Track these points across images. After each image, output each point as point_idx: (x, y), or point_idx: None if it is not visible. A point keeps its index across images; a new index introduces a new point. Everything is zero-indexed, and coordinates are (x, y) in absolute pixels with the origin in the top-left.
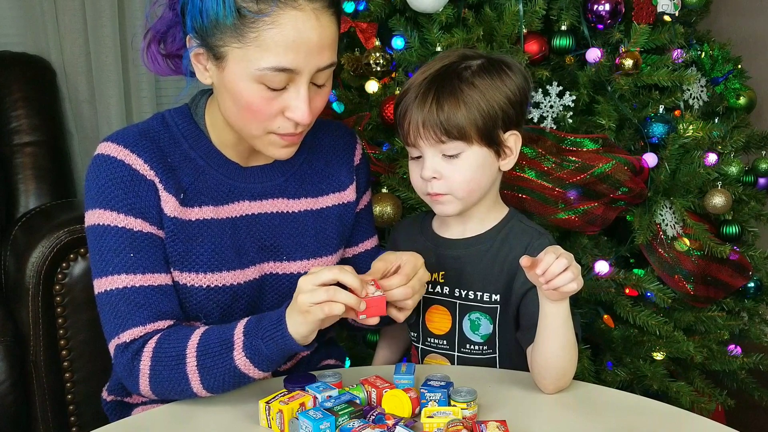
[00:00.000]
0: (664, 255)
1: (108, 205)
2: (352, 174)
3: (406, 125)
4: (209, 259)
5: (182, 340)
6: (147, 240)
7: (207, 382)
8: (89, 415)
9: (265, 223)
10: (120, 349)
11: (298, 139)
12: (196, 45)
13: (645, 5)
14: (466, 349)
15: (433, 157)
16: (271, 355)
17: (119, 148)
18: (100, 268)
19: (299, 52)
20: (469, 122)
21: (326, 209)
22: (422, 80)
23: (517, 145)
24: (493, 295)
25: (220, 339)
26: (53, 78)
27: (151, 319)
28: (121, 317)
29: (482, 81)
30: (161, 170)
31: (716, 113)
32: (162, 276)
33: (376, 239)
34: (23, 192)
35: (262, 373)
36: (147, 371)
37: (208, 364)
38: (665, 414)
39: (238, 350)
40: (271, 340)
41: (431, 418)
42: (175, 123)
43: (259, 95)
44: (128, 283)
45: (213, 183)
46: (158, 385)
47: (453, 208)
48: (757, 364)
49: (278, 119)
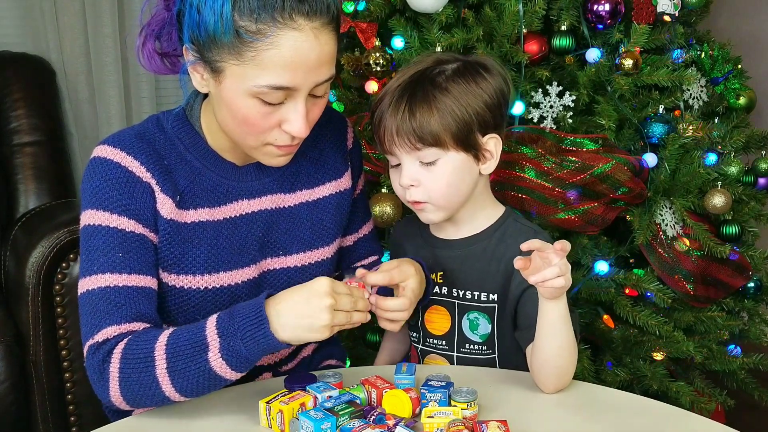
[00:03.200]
0: (664, 255)
1: (101, 206)
2: (346, 160)
3: (381, 132)
4: (205, 260)
5: (150, 341)
6: (138, 241)
7: (179, 385)
8: (89, 415)
9: (263, 219)
10: (92, 350)
11: (294, 149)
12: (194, 58)
13: (645, 5)
14: (465, 349)
15: (411, 164)
16: (251, 356)
17: (115, 150)
18: (86, 268)
19: (297, 71)
20: (443, 128)
21: (323, 199)
22: (396, 86)
23: (497, 148)
24: (490, 294)
25: (191, 340)
26: (53, 78)
27: (127, 320)
28: (98, 317)
29: (456, 86)
30: (158, 172)
31: (716, 113)
32: (147, 279)
33: (372, 222)
34: (23, 192)
35: (238, 374)
36: (117, 374)
37: (180, 367)
38: (665, 414)
39: (213, 352)
40: (252, 341)
41: (432, 419)
42: (171, 125)
43: (255, 110)
44: (111, 282)
45: (209, 185)
46: (128, 389)
47: (435, 215)
48: (757, 364)
49: (275, 132)
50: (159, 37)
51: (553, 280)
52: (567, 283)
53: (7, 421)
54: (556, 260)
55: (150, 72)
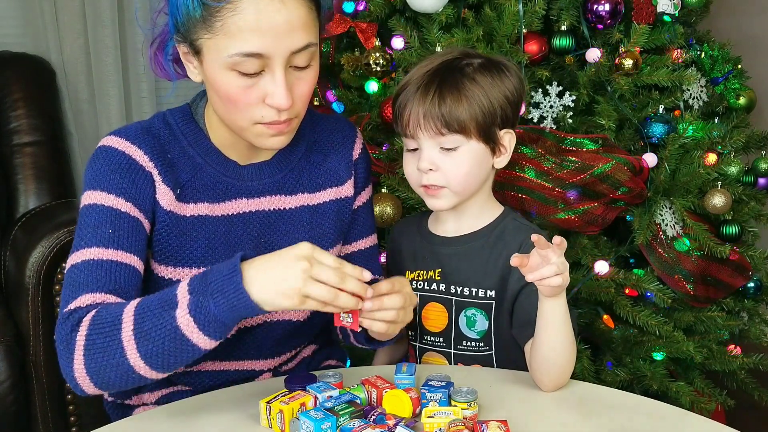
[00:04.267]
0: (663, 255)
1: (100, 187)
2: (350, 168)
3: (406, 116)
4: (202, 255)
5: (121, 306)
6: (131, 222)
7: (144, 348)
8: (89, 415)
9: (261, 220)
10: (63, 318)
11: (286, 128)
12: (186, 50)
13: (645, 5)
14: (462, 346)
15: (431, 149)
16: (220, 314)
17: (120, 140)
18: (75, 245)
19: (265, 36)
20: (470, 116)
21: (323, 204)
22: (423, 73)
23: (511, 144)
24: (488, 291)
25: (162, 299)
26: (53, 78)
27: (104, 290)
28: (76, 287)
29: (483, 78)
30: (161, 163)
31: (716, 113)
32: (133, 258)
33: (373, 239)
34: (23, 192)
35: (208, 339)
36: (82, 342)
37: (146, 327)
38: (665, 414)
39: (182, 308)
40: (221, 296)
41: (432, 419)
42: (176, 121)
43: (235, 84)
44: (96, 256)
45: (210, 180)
46: (91, 358)
47: (447, 201)
48: (757, 364)
49: (260, 108)
50: (166, 45)
51: (550, 278)
52: (565, 281)
53: (7, 421)
54: (554, 258)
55: (167, 79)
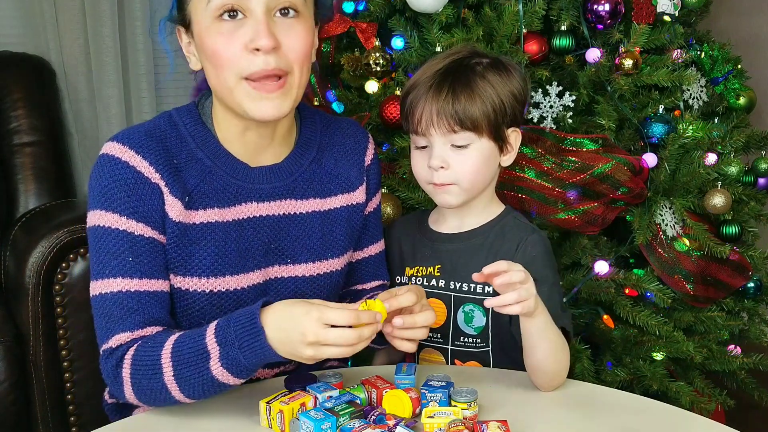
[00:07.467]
0: (663, 255)
1: (110, 207)
2: (362, 174)
3: (418, 114)
4: (212, 263)
5: (157, 348)
6: (147, 245)
7: (187, 391)
8: (89, 415)
9: (271, 225)
10: (106, 355)
11: (274, 87)
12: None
13: (645, 5)
14: (459, 342)
15: (442, 146)
16: (250, 365)
17: (124, 149)
18: (98, 271)
19: None
20: (483, 114)
21: (334, 210)
22: (434, 72)
23: (517, 142)
24: (486, 286)
25: (194, 348)
26: (53, 78)
27: (140, 325)
28: (112, 321)
29: (494, 77)
30: (167, 173)
31: (716, 113)
32: (159, 282)
33: (382, 244)
34: (23, 192)
35: (239, 380)
36: (129, 380)
37: (186, 375)
38: (665, 414)
39: (214, 360)
40: (249, 351)
41: (432, 419)
42: (183, 122)
43: (218, 33)
44: (123, 287)
45: (220, 184)
46: (142, 394)
47: (456, 198)
48: (757, 364)
49: (245, 57)
50: None
51: (511, 306)
52: (526, 309)
53: (7, 421)
54: (518, 284)
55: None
